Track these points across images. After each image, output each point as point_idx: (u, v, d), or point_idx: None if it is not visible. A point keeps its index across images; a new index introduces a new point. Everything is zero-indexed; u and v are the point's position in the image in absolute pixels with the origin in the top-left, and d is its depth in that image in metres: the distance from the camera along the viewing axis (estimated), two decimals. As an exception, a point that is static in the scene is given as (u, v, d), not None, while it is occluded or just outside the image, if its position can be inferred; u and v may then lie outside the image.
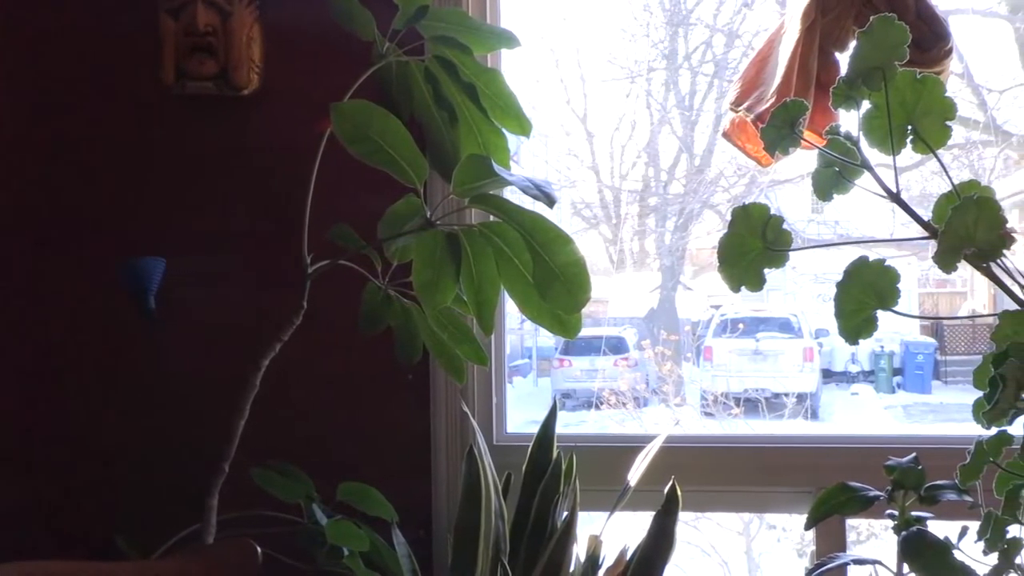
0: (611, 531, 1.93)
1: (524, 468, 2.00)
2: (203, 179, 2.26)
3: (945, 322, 7.03)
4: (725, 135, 1.99)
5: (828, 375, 6.92)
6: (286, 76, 2.21)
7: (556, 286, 1.63)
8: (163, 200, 2.27)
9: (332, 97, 1.70)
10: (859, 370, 7.06)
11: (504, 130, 1.88)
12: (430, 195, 2.07)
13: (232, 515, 1.88)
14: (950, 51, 1.81)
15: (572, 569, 1.85)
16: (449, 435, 2.19)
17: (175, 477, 2.08)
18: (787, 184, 5.48)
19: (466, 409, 2.10)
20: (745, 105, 1.91)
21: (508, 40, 1.89)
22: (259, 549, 1.71)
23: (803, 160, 1.41)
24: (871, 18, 1.21)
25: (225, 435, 1.81)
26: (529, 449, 2.01)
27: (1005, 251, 1.18)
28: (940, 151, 1.27)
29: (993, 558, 1.30)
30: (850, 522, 2.68)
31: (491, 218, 1.70)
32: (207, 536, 1.82)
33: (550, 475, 1.95)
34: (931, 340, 6.94)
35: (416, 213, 1.73)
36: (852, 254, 1.26)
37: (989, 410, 1.20)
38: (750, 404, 5.94)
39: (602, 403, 5.96)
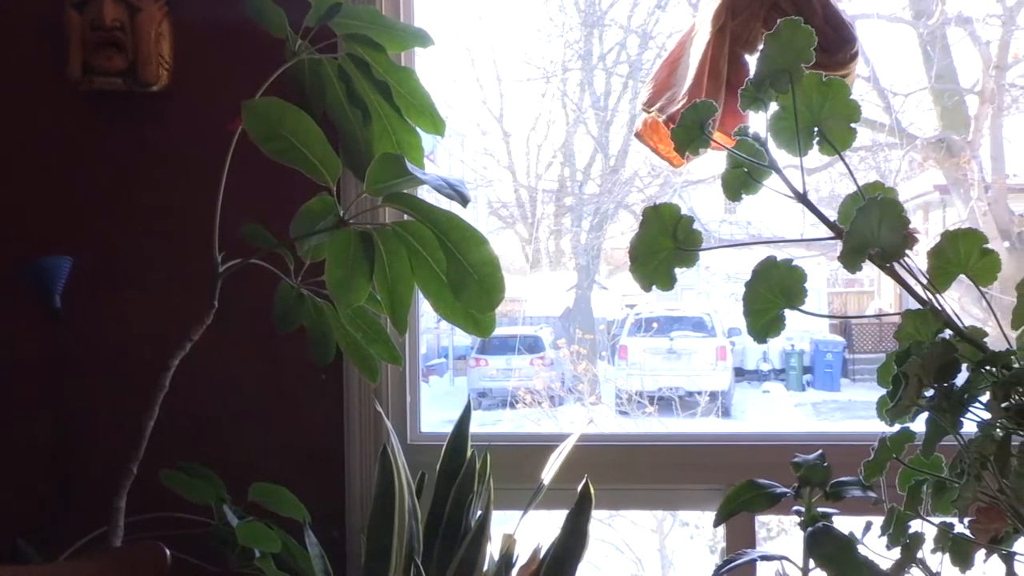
0: (525, 530, 1.93)
1: (438, 467, 2.00)
2: (112, 176, 2.22)
3: (853, 321, 7.17)
4: (638, 135, 2.00)
5: (740, 373, 7.03)
6: (197, 73, 2.18)
7: (470, 285, 1.63)
8: (71, 198, 2.23)
9: (244, 95, 1.68)
10: (770, 368, 7.18)
11: (418, 129, 1.87)
12: (343, 194, 2.07)
13: (141, 517, 1.86)
14: (856, 55, 1.84)
15: (486, 568, 1.85)
16: (363, 435, 2.18)
17: (82, 479, 2.05)
18: (700, 184, 5.54)
19: (380, 409, 2.09)
20: (657, 106, 1.93)
21: (422, 39, 1.88)
22: (168, 552, 1.69)
23: (716, 161, 1.43)
24: (778, 21, 1.23)
25: (134, 436, 1.78)
26: (443, 448, 2.01)
27: (908, 251, 1.20)
28: (846, 153, 1.29)
29: (896, 552, 1.33)
30: (762, 518, 2.71)
31: (405, 217, 1.70)
32: (114, 539, 1.79)
33: (464, 474, 1.95)
34: (840, 339, 7.08)
35: (329, 212, 1.71)
36: (764, 254, 1.28)
37: (892, 407, 1.22)
38: (664, 402, 6.00)
39: (518, 402, 5.98)
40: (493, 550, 1.90)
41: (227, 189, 1.78)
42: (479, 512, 1.91)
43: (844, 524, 1.38)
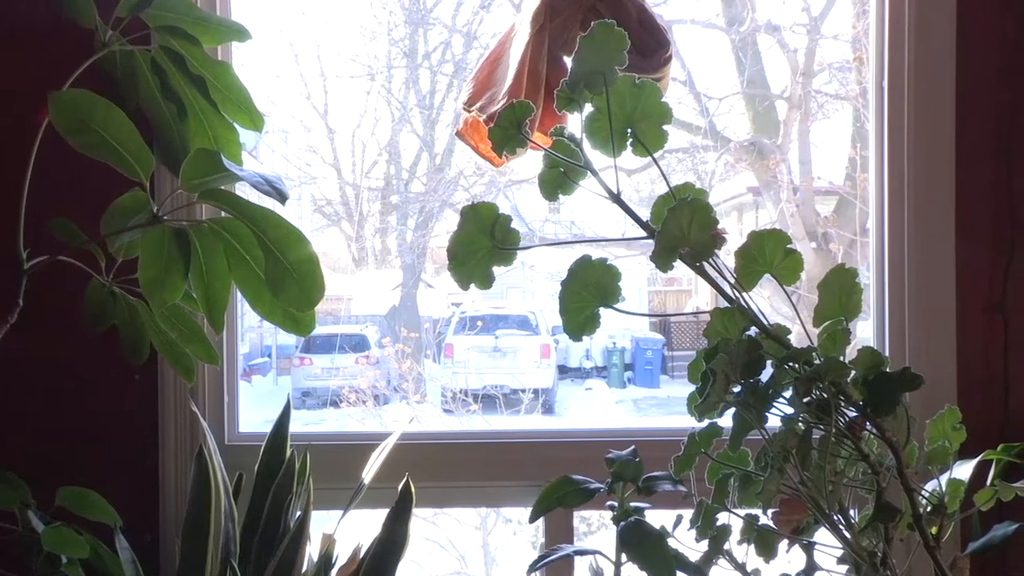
0: (346, 529, 1.92)
1: (256, 468, 1.97)
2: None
3: (672, 319, 7.34)
4: (459, 134, 2.01)
5: (564, 371, 7.13)
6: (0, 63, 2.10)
7: (289, 283, 1.61)
8: None
9: (51, 86, 1.62)
10: (593, 366, 7.30)
11: (236, 124, 1.84)
12: (158, 190, 2.02)
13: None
14: (670, 58, 1.88)
15: (304, 569, 1.83)
16: (178, 436, 2.13)
17: None
18: (525, 184, 5.60)
19: (196, 409, 2.05)
20: (478, 105, 1.93)
21: (238, 33, 1.85)
22: (-33, 560, 1.63)
23: (542, 160, 1.45)
24: (592, 24, 1.25)
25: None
26: (262, 448, 1.98)
27: (717, 251, 1.24)
28: (663, 154, 1.32)
29: (705, 545, 1.37)
30: (584, 513, 2.75)
31: (223, 214, 1.66)
32: (-92, 549, 1.71)
33: (283, 474, 1.93)
34: (659, 336, 7.25)
35: (142, 208, 1.66)
36: (590, 253, 1.30)
37: (700, 403, 1.25)
38: (489, 400, 6.04)
39: (342, 401, 5.95)
40: (313, 551, 1.88)
41: (34, 183, 1.72)
42: (298, 513, 1.89)
43: (657, 518, 1.41)
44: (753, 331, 1.27)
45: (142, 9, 1.72)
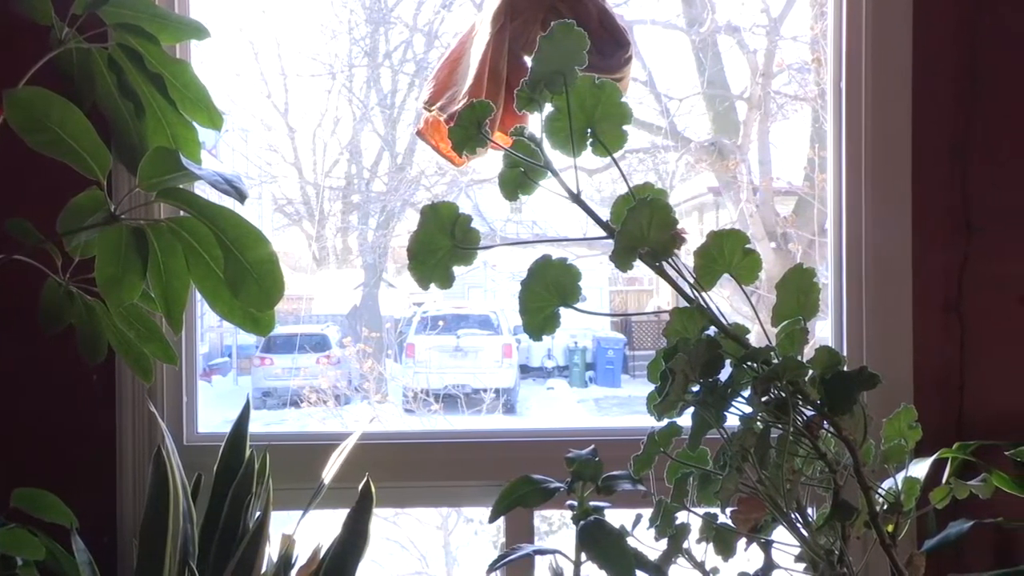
0: (306, 530, 1.91)
1: (215, 468, 1.96)
2: None
3: (633, 318, 7.36)
4: (419, 134, 2.01)
5: (526, 370, 7.13)
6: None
7: (248, 283, 1.60)
8: None
9: (6, 84, 1.61)
10: (555, 365, 7.31)
11: (195, 123, 1.83)
12: (116, 189, 2.00)
13: None
14: (630, 59, 1.89)
15: (264, 570, 1.82)
16: (136, 436, 2.11)
17: None
18: (487, 183, 5.60)
19: (154, 409, 2.04)
20: (438, 105, 1.93)
21: (197, 31, 1.84)
22: (-80, 563, 1.61)
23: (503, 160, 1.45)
24: (552, 24, 1.25)
25: None
26: (221, 449, 1.97)
27: (676, 251, 1.25)
28: (623, 154, 1.33)
29: (664, 543, 1.38)
30: (546, 512, 2.75)
31: (181, 213, 1.65)
32: None
33: (242, 475, 1.92)
34: (621, 336, 7.27)
35: (99, 207, 1.65)
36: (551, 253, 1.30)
37: (660, 403, 1.26)
38: (450, 400, 6.04)
39: (303, 401, 5.93)
40: (272, 551, 1.88)
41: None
42: (258, 513, 1.88)
43: (616, 517, 1.42)
44: (712, 330, 1.28)
45: (99, 6, 1.71)
